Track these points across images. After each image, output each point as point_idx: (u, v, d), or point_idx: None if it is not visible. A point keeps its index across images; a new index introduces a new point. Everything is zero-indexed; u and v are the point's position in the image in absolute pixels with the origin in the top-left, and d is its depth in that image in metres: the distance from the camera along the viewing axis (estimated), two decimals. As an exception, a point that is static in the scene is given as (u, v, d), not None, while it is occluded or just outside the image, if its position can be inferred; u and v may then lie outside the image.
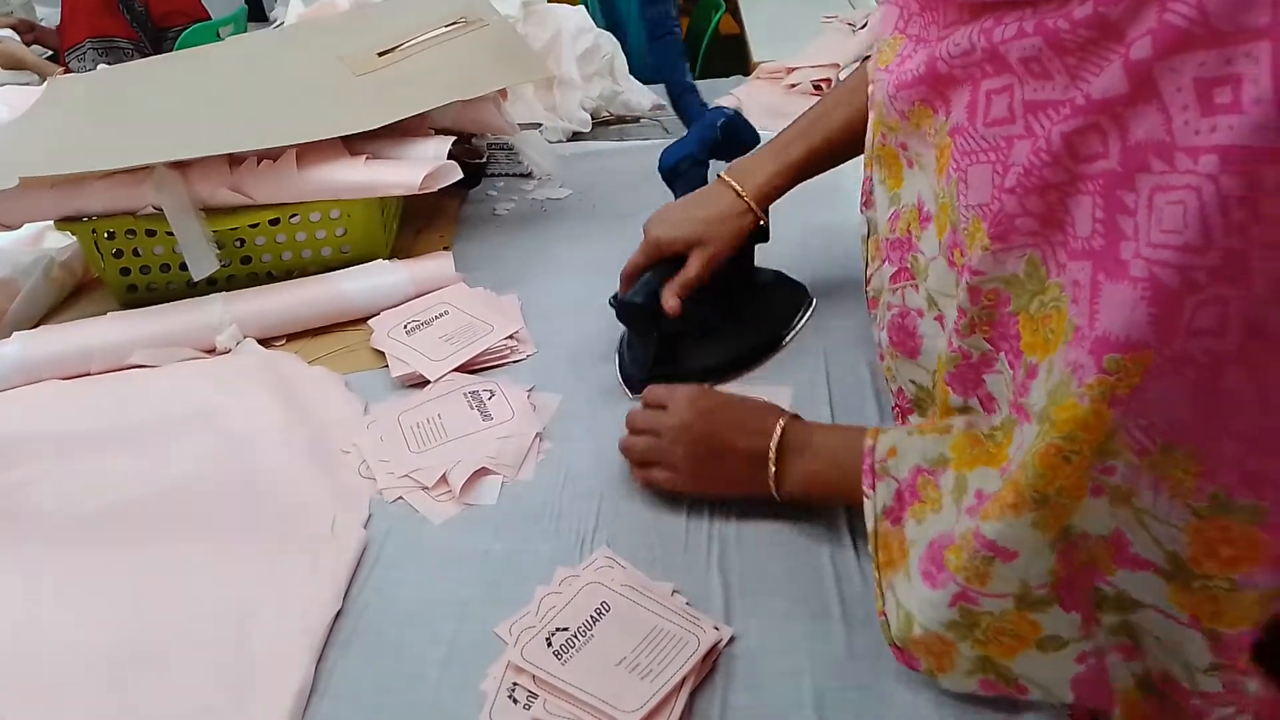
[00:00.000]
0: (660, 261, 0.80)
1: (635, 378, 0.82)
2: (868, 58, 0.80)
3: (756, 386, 0.80)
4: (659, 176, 0.98)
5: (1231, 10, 0.36)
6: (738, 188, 0.81)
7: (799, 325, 0.88)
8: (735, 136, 1.00)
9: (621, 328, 0.85)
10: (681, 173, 0.98)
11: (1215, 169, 0.36)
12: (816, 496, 0.64)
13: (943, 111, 0.54)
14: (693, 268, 0.79)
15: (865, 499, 0.57)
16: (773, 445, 0.63)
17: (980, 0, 0.48)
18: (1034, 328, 0.48)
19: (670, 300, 0.78)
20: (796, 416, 0.66)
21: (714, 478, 0.67)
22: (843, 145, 0.81)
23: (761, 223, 0.81)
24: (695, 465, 0.66)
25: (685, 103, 1.10)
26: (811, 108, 0.84)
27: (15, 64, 2.39)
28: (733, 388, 0.80)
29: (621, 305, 0.80)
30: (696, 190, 0.85)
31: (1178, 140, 0.38)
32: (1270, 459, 0.41)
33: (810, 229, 1.01)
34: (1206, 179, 0.36)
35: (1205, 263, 0.37)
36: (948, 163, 0.53)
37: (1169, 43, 0.38)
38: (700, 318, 0.81)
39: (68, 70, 2.40)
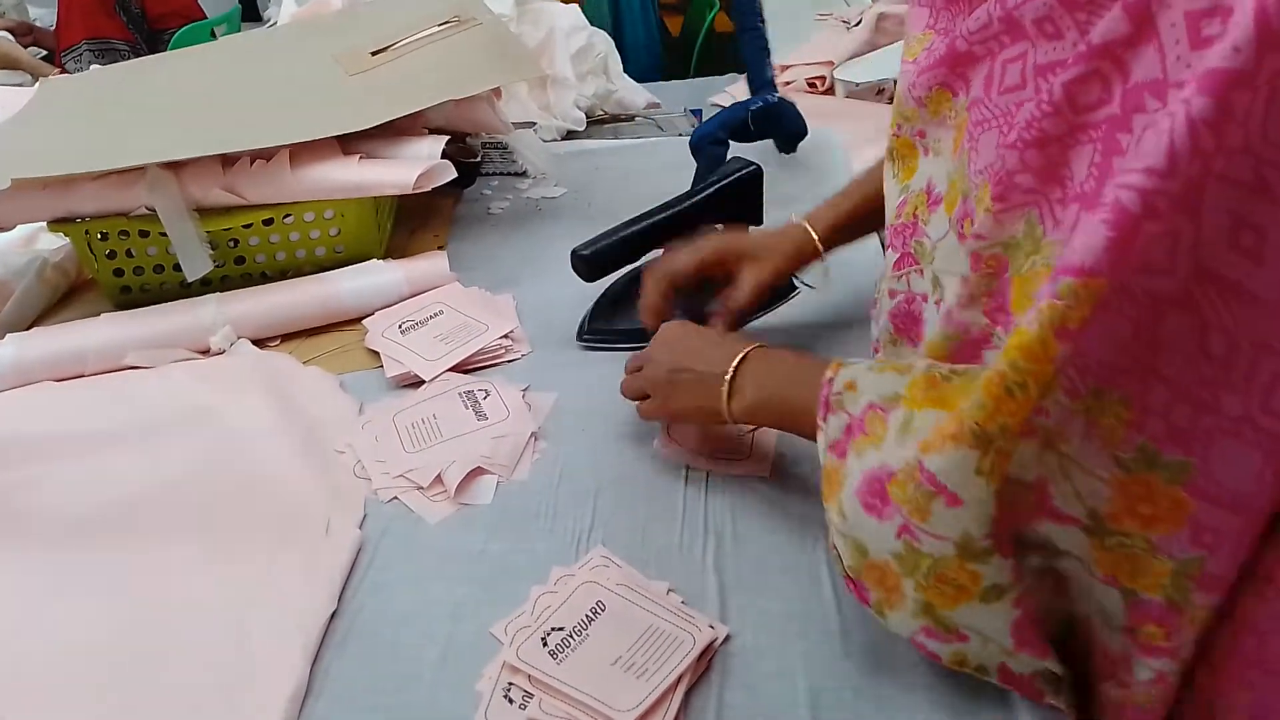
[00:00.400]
0: (618, 229, 0.84)
1: (581, 330, 0.89)
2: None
3: None
4: (653, 175, 0.99)
5: None
6: (803, 222, 0.80)
7: (775, 305, 0.88)
8: (775, 123, 1.10)
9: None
10: (702, 149, 1.08)
11: (1192, 94, 0.36)
12: (766, 418, 0.64)
13: (963, 91, 0.54)
14: (739, 292, 0.78)
15: (819, 431, 0.55)
16: (731, 367, 0.64)
17: None
18: (1023, 286, 0.47)
19: (720, 327, 0.78)
20: (765, 346, 0.66)
21: (680, 393, 0.68)
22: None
23: (823, 261, 0.81)
24: (665, 386, 0.69)
25: (747, 100, 1.15)
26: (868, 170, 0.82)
27: (10, 64, 2.38)
28: None
29: (574, 256, 0.85)
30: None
31: (1169, 76, 0.38)
32: (1201, 414, 0.40)
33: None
34: (1181, 103, 0.36)
35: (1166, 188, 0.37)
36: (963, 138, 0.53)
37: None
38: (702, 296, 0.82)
39: (63, 71, 2.40)
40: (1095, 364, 0.40)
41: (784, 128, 1.15)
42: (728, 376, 0.64)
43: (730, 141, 1.11)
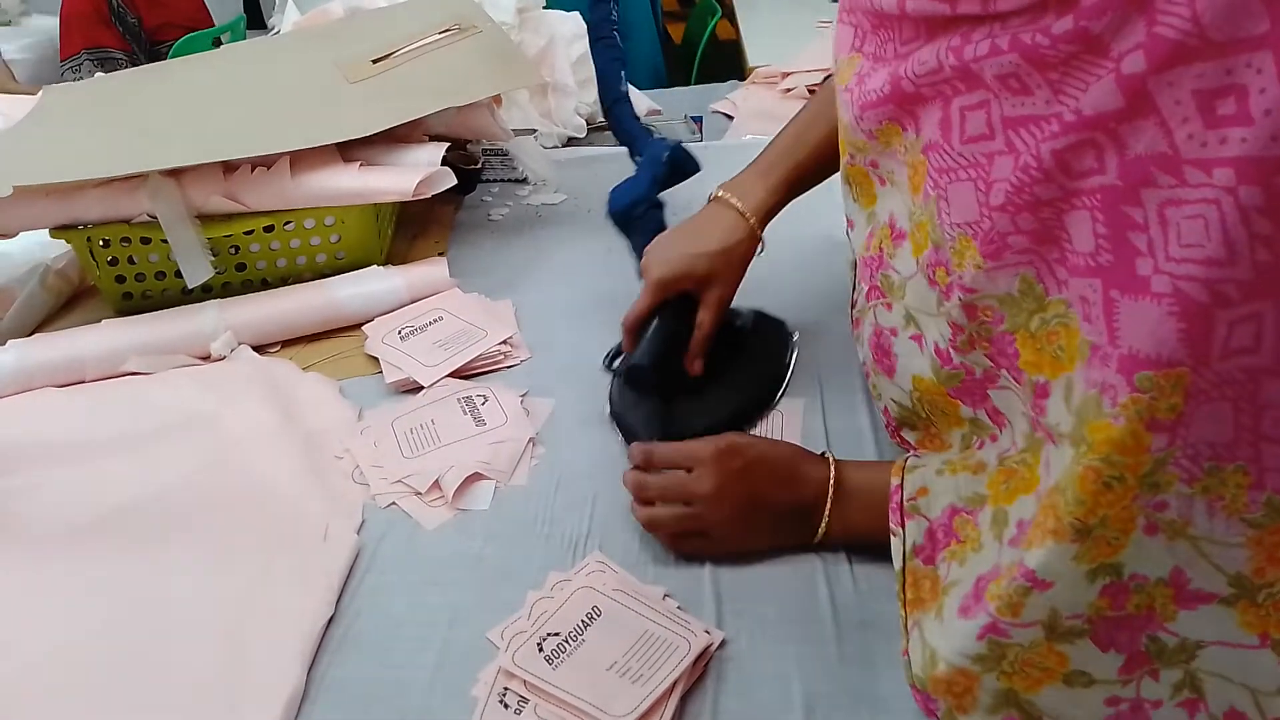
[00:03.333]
0: (663, 305, 0.77)
1: (646, 439, 0.73)
2: (830, 75, 0.81)
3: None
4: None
5: (1227, 20, 0.35)
6: (739, 206, 0.78)
7: (791, 367, 0.84)
8: (679, 167, 0.94)
9: (610, 382, 0.82)
10: (637, 217, 0.90)
11: (1232, 181, 0.36)
12: (858, 542, 0.64)
13: (912, 129, 0.54)
14: (708, 319, 0.77)
15: (893, 536, 0.56)
16: (830, 497, 0.63)
17: (940, 16, 0.48)
18: (1037, 345, 0.47)
19: (696, 363, 0.78)
20: (829, 458, 0.65)
21: (755, 535, 0.64)
22: (827, 159, 0.79)
23: (760, 247, 0.79)
24: (735, 529, 0.64)
25: (617, 113, 1.04)
26: (787, 126, 0.82)
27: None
28: None
29: (632, 372, 0.77)
30: (692, 217, 0.81)
31: (1183, 153, 0.38)
32: None
33: (799, 241, 1.01)
34: (1225, 192, 0.36)
35: (1234, 276, 0.37)
36: (924, 180, 0.52)
37: (1163, 56, 0.37)
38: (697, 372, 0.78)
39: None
40: (1205, 446, 0.40)
41: (684, 169, 0.95)
42: (826, 511, 0.63)
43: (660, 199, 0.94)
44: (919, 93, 0.51)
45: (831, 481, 0.63)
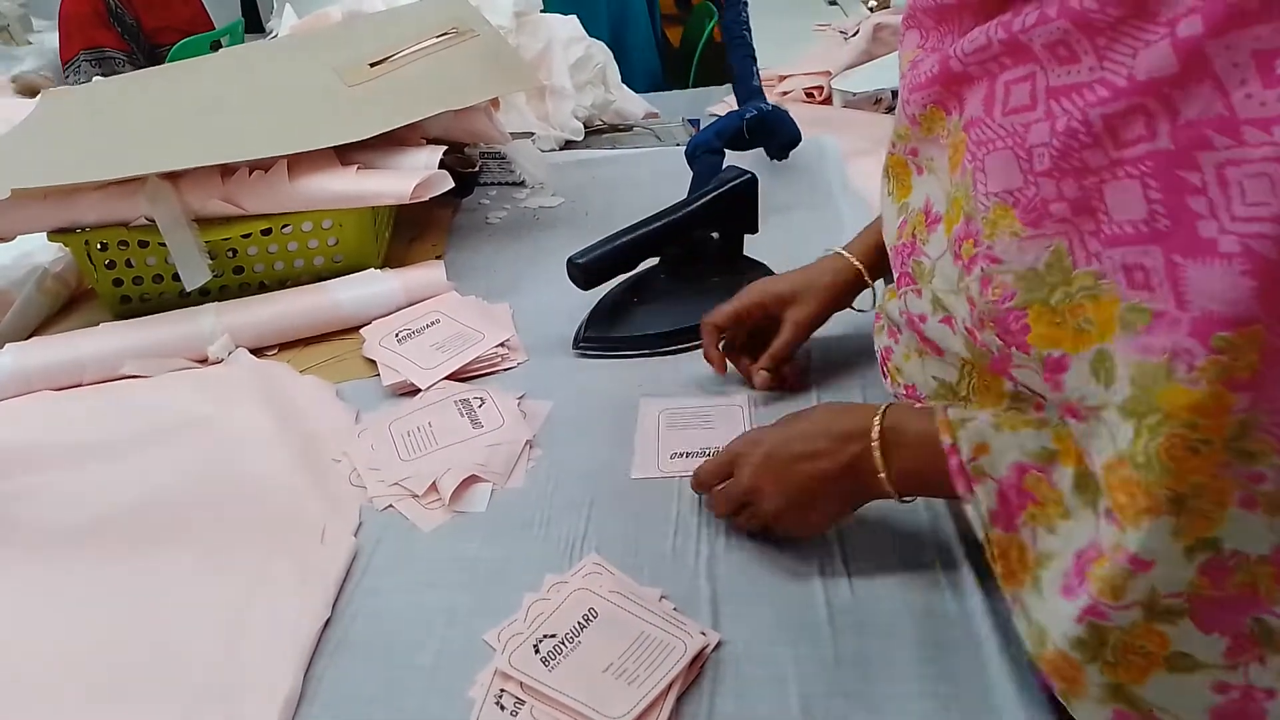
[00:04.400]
0: (614, 237, 0.85)
1: (577, 338, 0.88)
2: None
3: (714, 397, 0.81)
4: (651, 184, 1.00)
5: None
6: (846, 254, 0.79)
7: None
8: (769, 131, 1.11)
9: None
10: (698, 157, 1.09)
11: None
12: (930, 490, 0.60)
13: (956, 111, 0.54)
14: (784, 336, 0.78)
15: (966, 505, 0.53)
16: (876, 446, 0.58)
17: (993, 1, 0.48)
18: (1056, 320, 0.46)
19: (761, 377, 0.78)
20: (877, 407, 0.60)
21: (820, 507, 0.62)
22: None
23: (869, 282, 0.79)
24: (794, 510, 0.61)
25: (742, 108, 1.17)
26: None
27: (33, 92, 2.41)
28: (691, 398, 0.81)
29: (570, 265, 0.86)
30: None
31: (1240, 114, 0.38)
32: None
33: (798, 228, 1.02)
34: None
35: None
36: (962, 157, 0.52)
37: (1221, 19, 0.38)
38: (662, 286, 0.84)
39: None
40: None
41: (778, 135, 1.16)
42: (878, 455, 0.58)
43: (726, 150, 1.11)
44: (966, 72, 0.51)
45: (876, 429, 0.58)
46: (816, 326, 0.80)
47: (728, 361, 0.81)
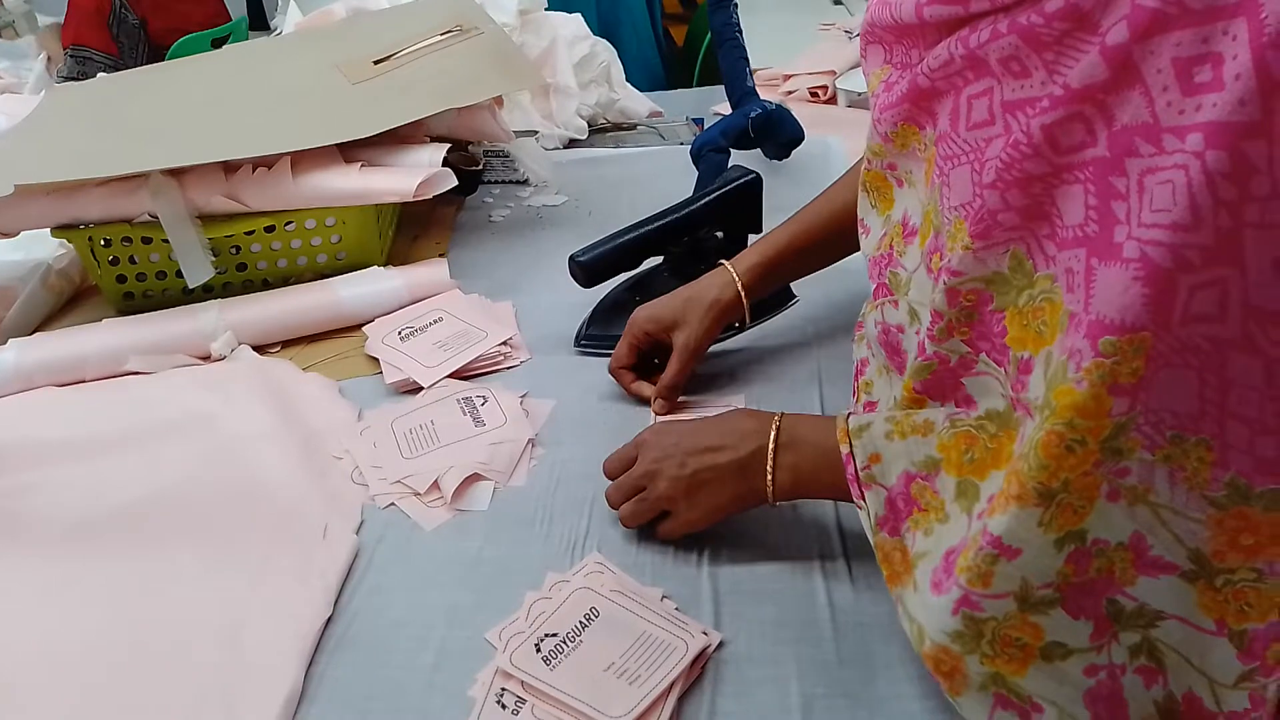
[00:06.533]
0: (616, 235, 0.85)
1: (579, 336, 0.89)
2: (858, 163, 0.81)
3: (712, 395, 0.82)
4: (655, 183, 0.99)
5: None
6: (730, 267, 0.80)
7: (775, 312, 0.88)
8: (773, 130, 1.11)
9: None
10: (703, 156, 1.08)
11: (1201, 146, 0.36)
12: (814, 494, 0.63)
13: (930, 125, 0.54)
14: (674, 366, 0.78)
15: (859, 511, 0.56)
16: (770, 447, 0.61)
17: (956, 16, 0.49)
18: (1023, 321, 0.47)
19: (659, 404, 0.79)
20: (779, 415, 0.64)
21: (710, 499, 0.64)
22: (825, 238, 0.79)
23: (744, 303, 0.79)
24: (689, 498, 0.64)
25: (746, 107, 1.16)
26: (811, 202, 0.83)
27: None
28: (692, 400, 0.81)
29: (572, 262, 0.86)
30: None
31: (1162, 121, 0.38)
32: None
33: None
34: (1193, 157, 0.37)
35: (1197, 240, 0.37)
36: (932, 171, 0.53)
37: (1144, 25, 0.38)
38: (664, 285, 0.83)
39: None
40: (1168, 414, 0.40)
41: (782, 134, 1.16)
42: (770, 455, 0.61)
43: (731, 149, 1.11)
44: (934, 87, 0.52)
45: (773, 432, 0.62)
46: (707, 346, 0.80)
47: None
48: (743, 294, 0.79)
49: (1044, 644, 0.46)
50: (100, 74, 1.27)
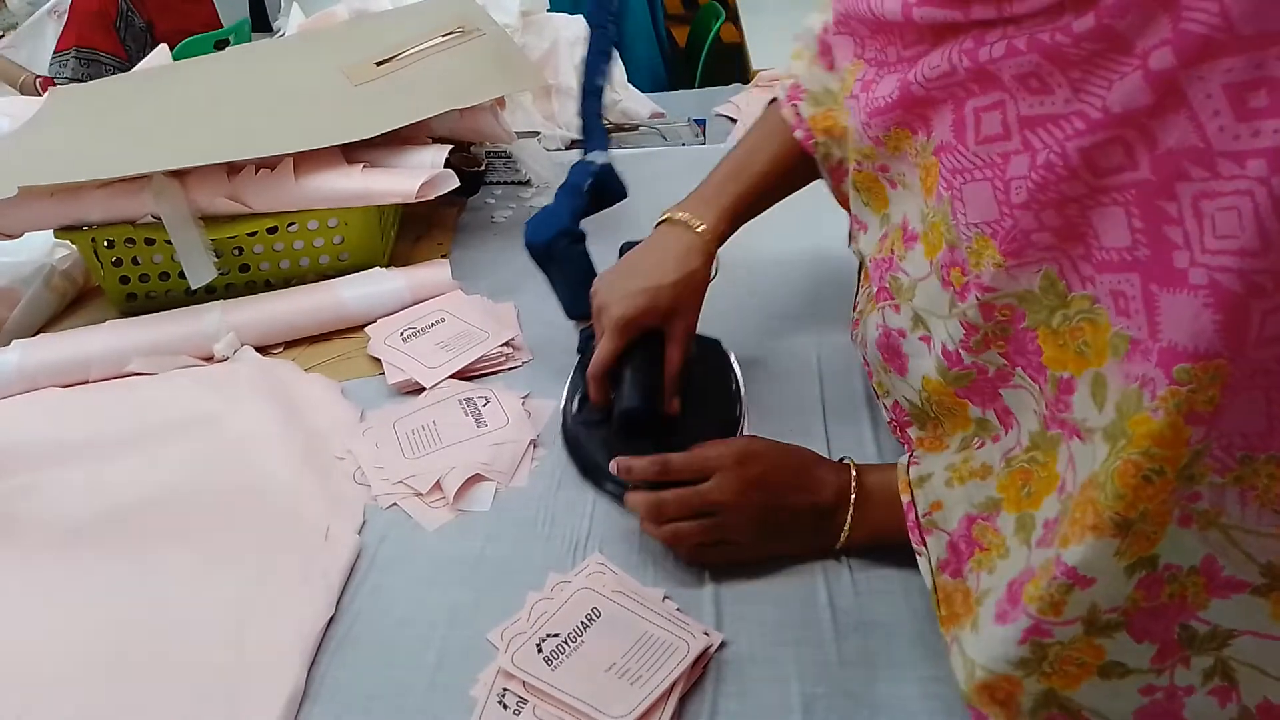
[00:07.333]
0: (629, 347, 0.72)
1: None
2: (773, 100, 0.80)
3: None
4: (656, 184, 0.97)
5: (1256, 15, 0.36)
6: (697, 227, 0.74)
7: (741, 383, 0.81)
8: (603, 194, 0.90)
9: (570, 429, 0.78)
10: (558, 251, 0.83)
11: (1264, 172, 0.36)
12: (881, 544, 0.63)
13: (923, 132, 0.54)
14: (676, 355, 0.72)
15: (919, 556, 0.56)
16: (852, 500, 0.62)
17: (949, 22, 0.48)
18: (1059, 341, 0.47)
19: (674, 403, 0.73)
20: (849, 462, 0.65)
21: (777, 540, 0.63)
22: (772, 187, 0.78)
23: (715, 269, 0.75)
24: (757, 535, 0.63)
25: (588, 106, 0.99)
26: (727, 156, 0.80)
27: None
28: None
29: (627, 416, 0.71)
30: (643, 245, 0.77)
31: (1215, 146, 0.38)
32: None
33: (797, 253, 1.02)
34: (1258, 183, 0.36)
35: (1268, 266, 0.37)
36: (935, 182, 0.53)
37: (1191, 51, 0.38)
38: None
39: (47, 80, 2.38)
40: (1239, 436, 0.40)
41: (610, 193, 0.93)
42: (850, 515, 0.62)
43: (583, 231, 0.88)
44: (929, 96, 0.52)
45: (854, 484, 0.62)
46: (693, 334, 0.75)
47: None
48: (715, 260, 0.76)
49: (1104, 663, 0.46)
50: (105, 75, 1.27)
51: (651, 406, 0.71)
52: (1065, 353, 0.47)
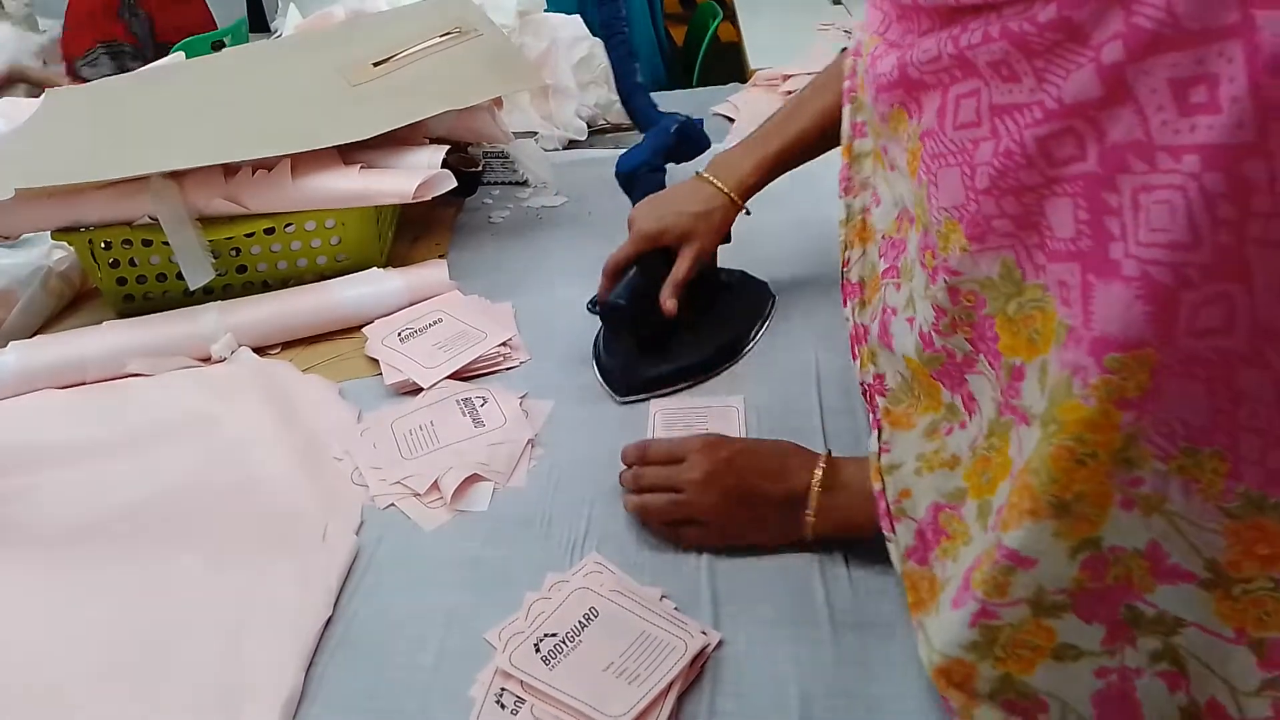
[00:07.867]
0: (642, 257, 0.83)
1: (621, 380, 0.83)
2: (844, 49, 0.81)
3: (710, 397, 0.82)
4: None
5: (1200, 10, 0.36)
6: (718, 183, 0.84)
7: (768, 321, 0.90)
8: (689, 142, 1.06)
9: (596, 330, 0.87)
10: (639, 178, 1.01)
11: (1198, 168, 0.37)
12: (851, 535, 0.64)
13: (915, 116, 0.54)
14: (684, 265, 0.81)
15: (889, 543, 0.57)
16: (814, 484, 0.63)
17: (947, 6, 0.49)
18: (1013, 329, 0.48)
19: (669, 302, 0.80)
20: (825, 453, 0.66)
21: (745, 527, 0.65)
22: (817, 139, 0.83)
23: (747, 214, 0.84)
24: (725, 516, 0.65)
25: (636, 102, 1.14)
26: (787, 103, 0.86)
27: (20, 78, 2.41)
28: (688, 397, 0.81)
29: (606, 308, 0.81)
30: (675, 186, 0.87)
31: (1156, 140, 0.38)
32: None
33: (791, 223, 1.02)
34: (1189, 178, 0.37)
35: (1197, 259, 0.37)
36: (918, 166, 0.53)
37: (1139, 45, 0.38)
38: (678, 316, 0.82)
39: (77, 80, 2.41)
40: (1178, 423, 0.41)
41: (695, 144, 1.09)
42: (813, 501, 0.63)
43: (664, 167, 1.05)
44: (923, 79, 0.52)
45: (819, 472, 0.64)
46: (707, 257, 0.85)
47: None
48: (741, 210, 0.85)
49: (1055, 645, 0.47)
50: (133, 65, 1.27)
51: (633, 307, 0.80)
52: (1018, 340, 0.47)
